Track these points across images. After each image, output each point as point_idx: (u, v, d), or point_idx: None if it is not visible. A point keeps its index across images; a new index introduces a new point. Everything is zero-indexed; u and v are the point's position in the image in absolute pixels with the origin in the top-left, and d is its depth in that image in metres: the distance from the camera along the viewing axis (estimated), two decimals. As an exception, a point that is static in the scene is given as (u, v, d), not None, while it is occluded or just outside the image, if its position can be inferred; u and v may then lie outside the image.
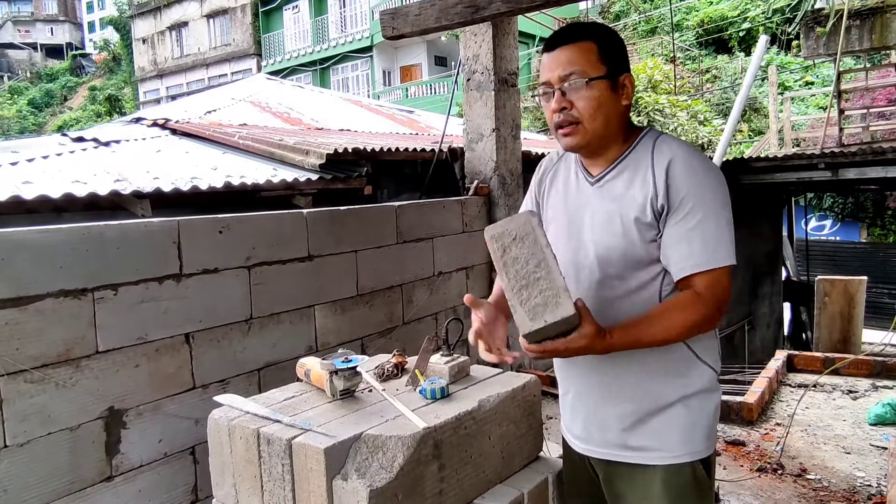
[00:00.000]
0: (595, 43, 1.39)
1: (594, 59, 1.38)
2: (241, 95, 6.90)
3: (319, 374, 1.81)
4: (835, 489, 3.08)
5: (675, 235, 1.34)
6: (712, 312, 1.34)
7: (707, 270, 1.32)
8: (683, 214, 1.33)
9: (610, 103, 1.40)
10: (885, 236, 15.85)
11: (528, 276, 1.25)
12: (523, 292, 1.24)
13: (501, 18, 3.76)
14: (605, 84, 1.38)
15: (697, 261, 1.32)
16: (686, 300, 1.33)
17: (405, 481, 1.49)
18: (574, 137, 1.41)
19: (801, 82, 17.57)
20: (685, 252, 1.33)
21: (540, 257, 1.26)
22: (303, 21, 27.24)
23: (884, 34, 7.44)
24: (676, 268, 1.35)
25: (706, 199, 1.34)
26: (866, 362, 4.75)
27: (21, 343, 1.97)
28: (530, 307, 1.23)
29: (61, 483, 2.07)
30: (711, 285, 1.32)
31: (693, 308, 1.32)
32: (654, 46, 21.33)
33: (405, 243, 3.45)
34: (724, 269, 1.33)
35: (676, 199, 1.34)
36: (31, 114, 40.65)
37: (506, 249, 1.28)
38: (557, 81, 1.39)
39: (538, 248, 1.27)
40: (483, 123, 4.06)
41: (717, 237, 1.33)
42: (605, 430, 1.47)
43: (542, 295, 1.23)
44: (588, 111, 1.38)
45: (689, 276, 1.33)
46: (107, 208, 3.16)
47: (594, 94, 1.38)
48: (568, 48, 1.39)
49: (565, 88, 1.39)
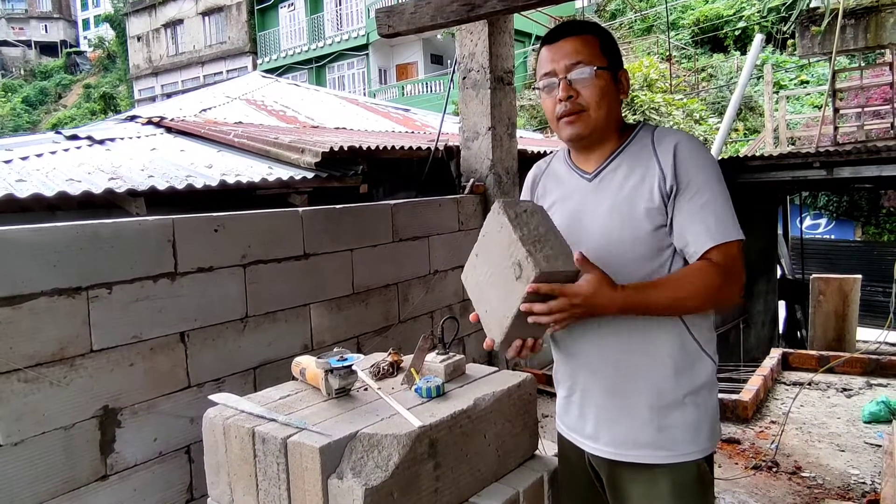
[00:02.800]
0: (598, 37, 1.44)
1: (598, 51, 1.43)
2: (236, 93, 6.88)
3: (315, 372, 1.81)
4: (829, 487, 3.09)
5: (688, 214, 1.37)
6: (731, 280, 1.35)
7: (722, 244, 1.35)
8: (693, 193, 1.36)
9: (612, 94, 1.44)
10: (879, 235, 15.91)
11: (539, 236, 1.31)
12: (536, 244, 1.30)
13: (497, 17, 3.76)
14: (609, 75, 1.43)
15: (714, 235, 1.35)
16: (703, 266, 1.35)
17: (401, 480, 1.49)
18: (578, 126, 1.43)
19: (797, 81, 17.61)
20: (701, 228, 1.36)
21: (550, 227, 1.35)
22: (298, 19, 27.18)
23: (878, 33, 7.46)
24: (694, 245, 1.36)
25: (711, 178, 1.38)
26: (861, 360, 4.77)
27: (15, 342, 1.96)
28: (544, 254, 1.28)
29: (56, 482, 2.06)
30: (728, 256, 1.35)
31: (710, 273, 1.34)
32: (650, 45, 21.36)
33: (401, 242, 3.44)
34: (737, 243, 1.37)
35: (685, 180, 1.37)
36: (25, 112, 40.50)
37: (518, 214, 1.34)
38: (563, 70, 1.42)
39: (549, 221, 1.37)
40: (479, 122, 4.06)
41: (727, 213, 1.37)
42: (616, 430, 1.46)
43: (553, 249, 1.30)
44: (595, 99, 1.41)
45: (706, 252, 1.35)
46: (101, 207, 3.14)
47: (600, 83, 1.41)
48: (572, 39, 1.43)
49: (571, 77, 1.41)
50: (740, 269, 1.37)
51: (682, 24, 21.47)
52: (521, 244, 1.29)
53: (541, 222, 1.35)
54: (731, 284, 1.36)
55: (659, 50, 20.14)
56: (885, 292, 11.30)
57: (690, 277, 1.34)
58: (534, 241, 1.30)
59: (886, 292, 11.43)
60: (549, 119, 1.49)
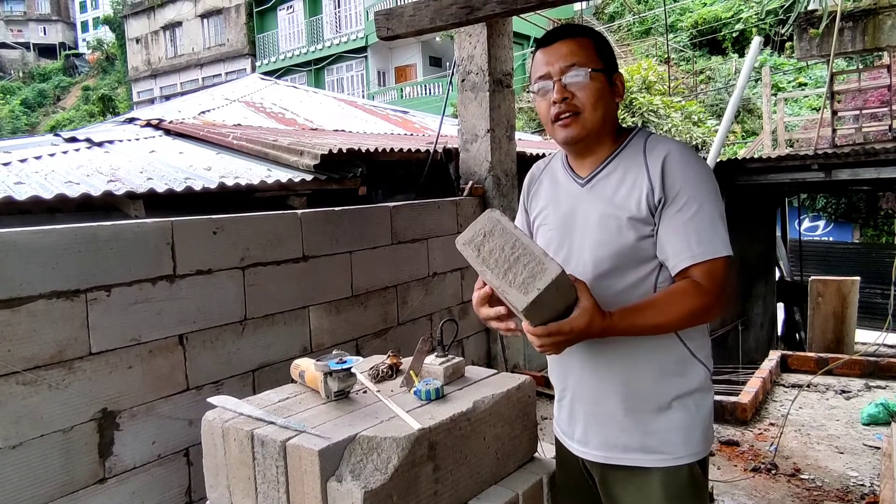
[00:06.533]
0: (592, 40, 1.44)
1: (593, 53, 1.42)
2: (235, 96, 6.88)
3: (314, 375, 1.81)
4: (828, 489, 3.09)
5: (671, 228, 1.35)
6: (712, 301, 1.34)
7: (705, 261, 1.33)
8: (679, 207, 1.34)
9: (607, 97, 1.43)
10: (877, 237, 15.94)
11: (507, 259, 1.25)
12: (508, 275, 1.24)
13: (496, 19, 3.77)
14: (604, 77, 1.42)
15: (695, 252, 1.33)
16: (686, 287, 1.33)
17: (400, 483, 1.48)
18: (573, 128, 1.42)
19: (795, 83, 17.65)
20: (682, 244, 1.34)
21: (512, 240, 1.27)
22: (297, 21, 27.19)
23: (876, 36, 7.48)
24: (674, 260, 1.35)
25: (701, 192, 1.35)
26: (859, 362, 4.77)
27: (13, 344, 1.96)
28: (519, 283, 1.23)
29: (54, 485, 2.05)
30: (710, 275, 1.33)
31: (693, 295, 1.32)
32: (649, 47, 21.40)
33: (400, 244, 3.44)
34: (722, 259, 1.34)
35: (672, 191, 1.35)
36: (23, 114, 40.47)
37: (479, 248, 1.29)
38: (559, 73, 1.41)
39: (507, 233, 1.27)
40: (478, 124, 4.06)
41: (713, 229, 1.34)
42: (604, 434, 1.47)
43: (526, 269, 1.23)
44: (590, 101, 1.40)
45: (688, 268, 1.34)
46: (100, 209, 3.14)
47: (595, 85, 1.40)
48: (567, 42, 1.42)
49: (566, 79, 1.41)
50: (724, 287, 1.35)
51: (681, 26, 21.50)
52: (498, 280, 1.25)
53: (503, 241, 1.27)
54: (714, 304, 1.34)
55: (657, 52, 20.17)
56: (883, 294, 11.30)
57: (673, 302, 1.33)
58: (504, 271, 1.24)
59: (885, 294, 11.43)
60: (543, 122, 1.48)
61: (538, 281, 1.22)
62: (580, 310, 1.24)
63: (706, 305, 1.33)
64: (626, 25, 23.30)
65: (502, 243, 1.27)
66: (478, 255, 1.28)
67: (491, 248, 1.27)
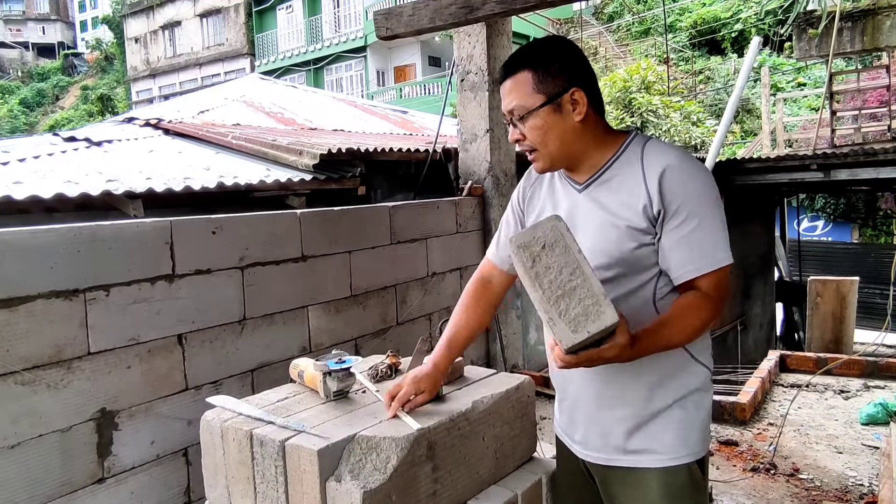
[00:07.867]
0: (530, 70, 1.38)
1: (529, 89, 1.38)
2: (234, 95, 6.87)
3: (313, 375, 1.81)
4: (827, 489, 3.09)
5: (674, 241, 1.35)
6: (720, 308, 1.37)
7: (710, 272, 1.34)
8: (681, 220, 1.34)
9: (558, 126, 1.39)
10: (876, 237, 15.96)
11: (564, 285, 1.18)
12: (561, 303, 1.17)
13: (495, 19, 3.76)
14: (545, 111, 1.38)
15: (699, 264, 1.34)
16: (695, 302, 1.35)
17: (399, 482, 1.48)
18: (538, 163, 1.45)
19: (794, 84, 17.66)
20: (686, 257, 1.35)
21: (574, 265, 1.19)
22: (296, 21, 27.18)
23: (875, 36, 7.49)
24: (678, 272, 1.36)
25: (701, 203, 1.35)
26: (858, 362, 4.77)
27: (11, 344, 1.95)
28: (570, 318, 1.16)
29: (52, 485, 2.05)
30: (716, 285, 1.35)
31: (703, 308, 1.34)
32: (648, 47, 21.41)
33: (399, 244, 3.44)
34: (725, 268, 1.36)
35: (672, 206, 1.34)
36: (22, 113, 40.44)
37: (535, 259, 1.21)
38: (508, 115, 1.44)
39: (570, 255, 1.20)
40: (477, 124, 4.06)
41: (715, 239, 1.35)
42: (604, 436, 1.48)
43: (581, 304, 1.16)
44: (538, 139, 1.41)
45: (692, 280, 1.35)
46: (99, 208, 3.14)
47: (536, 122, 1.40)
48: (508, 82, 1.42)
49: (515, 121, 1.42)
50: (726, 295, 1.38)
51: (680, 26, 21.52)
52: (547, 303, 1.17)
53: (564, 262, 1.19)
54: (720, 310, 1.38)
55: (657, 52, 20.18)
56: (882, 294, 11.31)
57: (687, 317, 1.34)
58: (558, 297, 1.17)
59: (884, 294, 11.45)
60: None
61: (590, 323, 1.16)
62: (614, 345, 1.22)
63: (715, 314, 1.36)
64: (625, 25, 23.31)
65: (562, 264, 1.20)
66: (531, 266, 1.21)
67: (548, 264, 1.20)
